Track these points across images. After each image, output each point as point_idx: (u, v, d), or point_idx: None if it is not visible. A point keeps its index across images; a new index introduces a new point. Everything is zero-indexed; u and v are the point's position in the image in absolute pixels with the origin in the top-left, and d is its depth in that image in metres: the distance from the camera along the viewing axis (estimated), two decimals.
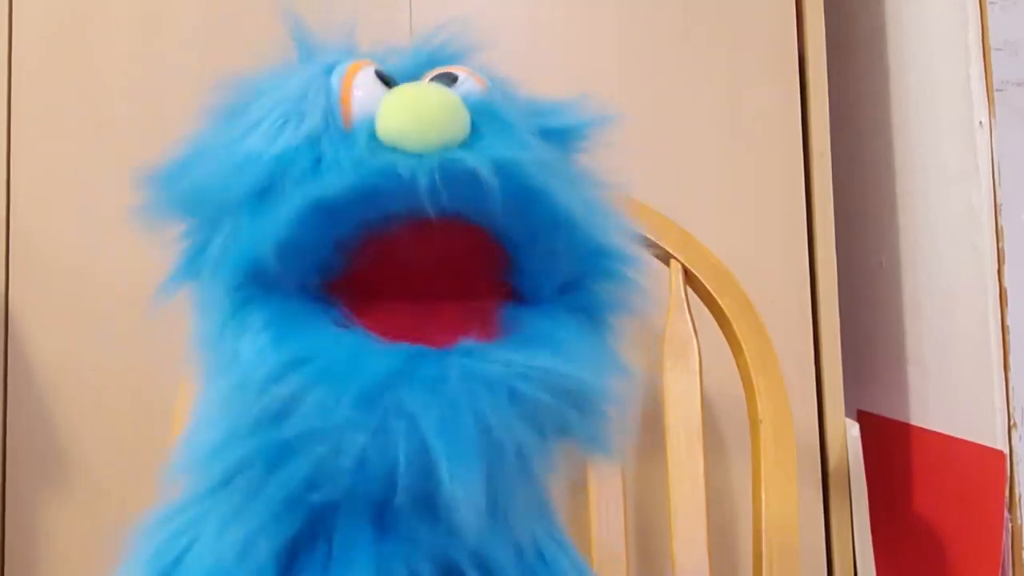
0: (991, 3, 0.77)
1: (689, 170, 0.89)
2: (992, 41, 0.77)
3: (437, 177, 0.36)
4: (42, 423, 0.85)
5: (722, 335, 0.71)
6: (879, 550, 0.88)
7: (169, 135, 0.75)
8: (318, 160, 0.38)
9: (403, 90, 0.39)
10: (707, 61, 0.90)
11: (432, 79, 0.42)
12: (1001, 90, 0.77)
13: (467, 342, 0.38)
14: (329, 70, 0.41)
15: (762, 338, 0.70)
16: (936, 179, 0.86)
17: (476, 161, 0.36)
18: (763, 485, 0.67)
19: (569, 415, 0.38)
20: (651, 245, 0.71)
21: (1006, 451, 0.75)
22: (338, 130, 0.39)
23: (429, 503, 0.37)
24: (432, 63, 0.44)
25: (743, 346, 0.69)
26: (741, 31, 0.90)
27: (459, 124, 0.38)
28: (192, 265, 0.43)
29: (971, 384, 0.80)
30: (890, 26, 0.95)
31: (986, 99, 0.78)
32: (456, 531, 0.37)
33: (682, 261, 0.71)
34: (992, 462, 0.76)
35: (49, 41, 0.88)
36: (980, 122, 0.78)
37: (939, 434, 0.86)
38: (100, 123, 0.87)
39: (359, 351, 0.37)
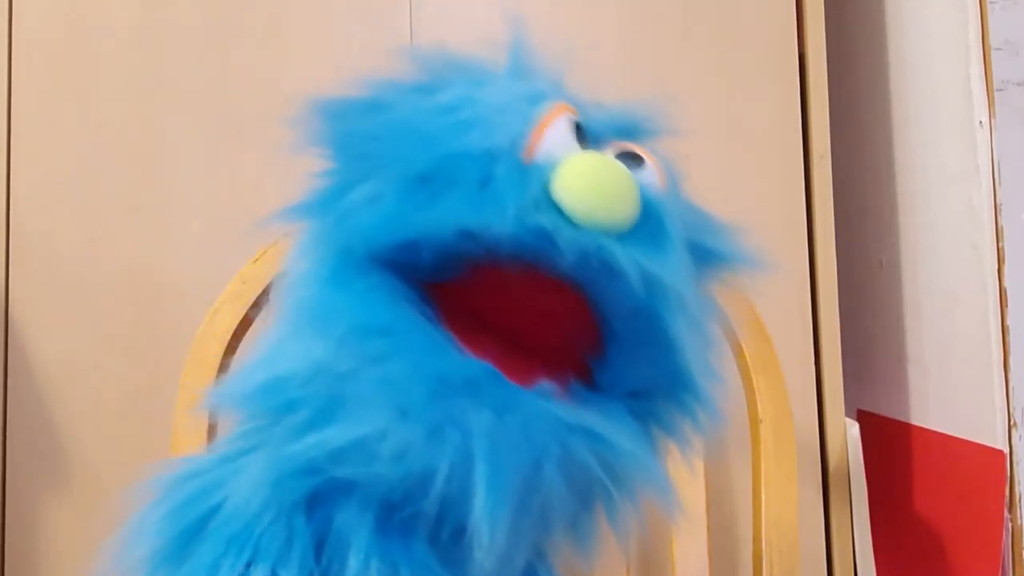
0: (991, 3, 0.77)
1: (689, 170, 0.89)
2: (992, 41, 0.77)
3: (585, 261, 0.36)
4: (42, 423, 0.85)
5: (722, 335, 0.71)
6: (879, 550, 0.88)
7: (169, 135, 0.76)
8: (487, 179, 0.37)
9: (591, 157, 0.39)
10: (707, 61, 0.90)
11: (619, 154, 0.42)
12: (1001, 90, 0.77)
13: (545, 385, 0.38)
14: (534, 99, 0.40)
15: (762, 338, 0.70)
16: (936, 179, 0.86)
17: (626, 264, 0.37)
18: (763, 485, 0.67)
19: (606, 491, 0.39)
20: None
21: (1006, 451, 0.75)
22: (517, 160, 0.38)
23: (444, 522, 0.37)
24: (624, 132, 0.44)
25: (743, 346, 0.69)
26: (741, 31, 0.90)
27: (628, 212, 0.38)
28: (322, 205, 0.42)
29: (971, 384, 0.80)
30: (890, 26, 0.95)
31: (986, 99, 0.78)
32: (459, 561, 0.37)
33: None
34: (992, 462, 0.76)
35: (49, 41, 0.88)
36: (980, 122, 0.78)
37: (939, 434, 0.86)
38: (100, 123, 0.87)
39: (443, 350, 0.37)
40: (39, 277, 0.86)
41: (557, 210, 0.37)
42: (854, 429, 0.87)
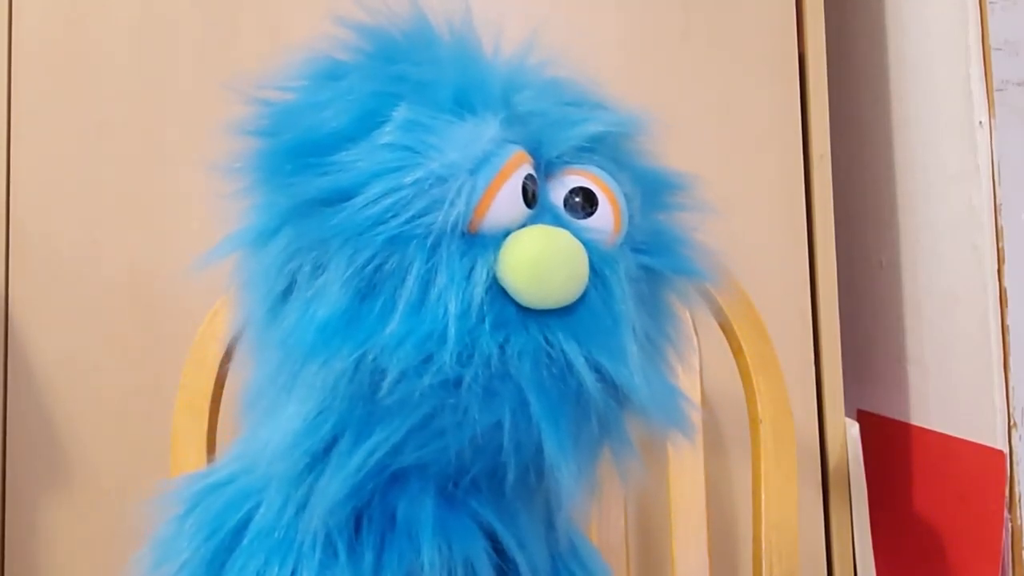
0: (991, 3, 0.77)
1: (689, 170, 0.89)
2: (992, 41, 0.77)
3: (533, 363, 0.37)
4: (42, 423, 0.85)
5: (722, 335, 0.71)
6: (879, 550, 0.88)
7: (169, 135, 0.76)
8: (429, 278, 0.37)
9: (535, 239, 0.38)
10: (707, 61, 0.90)
11: (571, 193, 0.41)
12: (1001, 90, 0.77)
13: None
14: (485, 158, 0.38)
15: (762, 338, 0.70)
16: (936, 179, 0.86)
17: (576, 363, 0.37)
18: (763, 485, 0.67)
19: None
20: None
21: (1006, 451, 0.75)
22: (460, 245, 0.38)
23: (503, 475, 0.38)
24: (579, 158, 0.42)
25: (743, 346, 0.69)
26: (741, 31, 0.90)
27: (576, 292, 0.38)
28: (254, 242, 0.42)
29: (971, 384, 0.80)
30: (890, 26, 0.95)
31: (986, 99, 0.78)
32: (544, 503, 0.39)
33: None
34: (992, 462, 0.76)
35: (49, 41, 0.88)
36: (980, 122, 0.78)
37: (939, 434, 0.86)
38: (100, 123, 0.87)
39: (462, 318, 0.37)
40: (39, 277, 0.86)
41: (503, 299, 0.37)
42: (854, 429, 0.87)
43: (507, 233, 0.38)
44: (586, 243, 0.39)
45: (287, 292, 0.40)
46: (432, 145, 0.38)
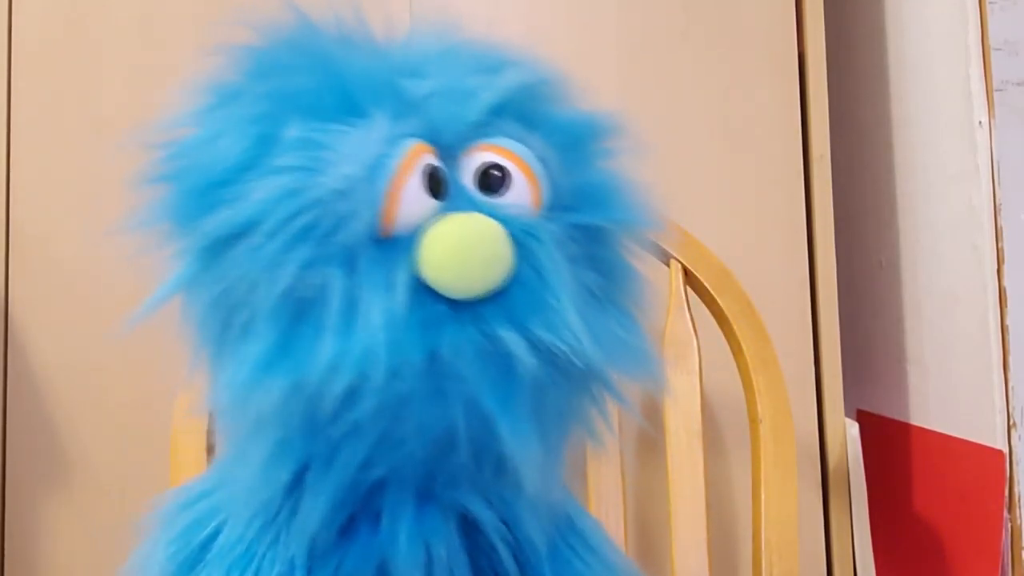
0: (991, 3, 0.77)
1: (689, 170, 0.89)
2: (992, 41, 0.77)
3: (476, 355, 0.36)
4: (42, 423, 0.85)
5: (722, 335, 0.71)
6: (879, 550, 0.88)
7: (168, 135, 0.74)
8: (353, 297, 0.36)
9: (450, 229, 0.37)
10: (707, 61, 0.90)
11: (483, 172, 0.40)
12: (1001, 90, 0.77)
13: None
14: (382, 159, 0.37)
15: (762, 338, 0.70)
16: (936, 179, 0.86)
17: (516, 347, 0.36)
18: (763, 485, 0.67)
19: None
20: (651, 245, 0.71)
21: (1006, 451, 0.75)
22: (377, 251, 0.37)
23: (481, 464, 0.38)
24: (483, 132, 0.41)
25: (743, 346, 0.69)
26: (741, 31, 0.90)
27: (501, 275, 0.37)
28: (183, 287, 0.42)
29: (971, 384, 0.80)
30: (890, 26, 0.95)
31: (986, 99, 0.78)
32: (510, 491, 0.39)
33: (682, 261, 0.71)
34: (992, 462, 0.76)
35: (49, 41, 0.88)
36: (980, 122, 0.78)
37: (939, 434, 0.86)
38: (100, 123, 0.87)
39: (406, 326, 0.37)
40: (39, 277, 0.86)
41: (431, 299, 0.37)
42: (854, 429, 0.87)
43: (421, 230, 0.37)
44: (505, 220, 0.38)
45: (225, 332, 0.39)
46: (325, 160, 0.37)
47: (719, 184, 0.89)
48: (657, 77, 0.90)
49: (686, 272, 0.71)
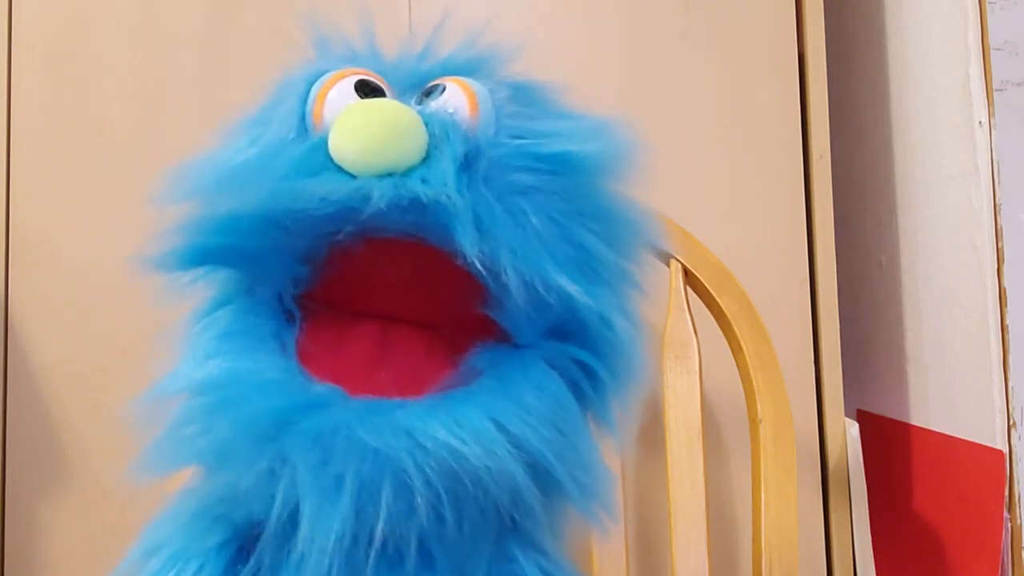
0: (991, 3, 0.77)
1: (689, 170, 0.89)
2: (992, 41, 0.77)
3: (374, 202, 0.36)
4: (42, 423, 0.85)
5: (722, 335, 0.71)
6: (879, 550, 0.88)
7: (169, 135, 0.76)
8: (291, 167, 0.38)
9: (352, 110, 0.39)
10: (707, 61, 0.90)
11: (423, 92, 0.42)
12: (1001, 90, 0.77)
13: (382, 401, 0.37)
14: (314, 78, 0.41)
15: (762, 338, 0.70)
16: (936, 179, 0.86)
17: (416, 188, 0.36)
18: (763, 485, 0.67)
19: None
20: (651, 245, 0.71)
21: (1006, 451, 0.75)
22: (301, 140, 0.39)
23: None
24: (439, 72, 0.43)
25: (743, 346, 0.69)
26: (741, 31, 0.90)
27: (405, 147, 0.37)
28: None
29: (971, 384, 0.80)
30: (890, 26, 0.95)
31: (986, 99, 0.78)
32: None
33: (682, 261, 0.71)
34: (992, 462, 0.76)
35: (49, 41, 0.88)
36: (980, 122, 0.78)
37: (939, 434, 0.86)
38: (100, 123, 0.87)
39: (268, 388, 0.38)
40: (39, 277, 0.86)
41: (339, 170, 0.37)
42: (854, 429, 0.87)
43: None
44: (423, 113, 0.39)
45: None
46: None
47: (719, 184, 0.89)
48: (657, 77, 0.90)
49: (686, 272, 0.71)
